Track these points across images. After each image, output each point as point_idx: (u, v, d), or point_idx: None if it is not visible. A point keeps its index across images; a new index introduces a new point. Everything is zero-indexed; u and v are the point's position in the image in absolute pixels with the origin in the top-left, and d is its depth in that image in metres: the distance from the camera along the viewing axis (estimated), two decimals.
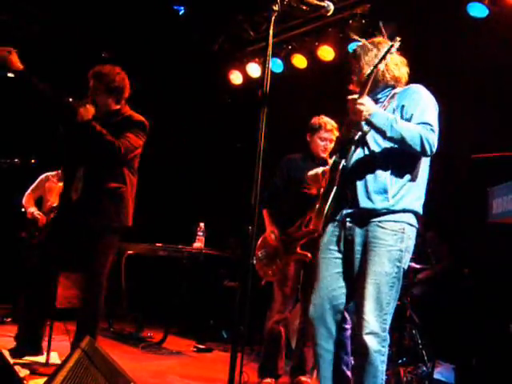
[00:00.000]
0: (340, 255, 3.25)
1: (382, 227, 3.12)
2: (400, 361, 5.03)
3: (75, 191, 4.34)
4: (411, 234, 3.20)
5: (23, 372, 3.73)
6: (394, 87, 3.37)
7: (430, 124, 3.10)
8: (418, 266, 5.29)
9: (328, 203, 3.21)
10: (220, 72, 8.20)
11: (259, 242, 4.76)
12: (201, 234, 6.33)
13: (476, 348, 5.07)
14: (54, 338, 4.56)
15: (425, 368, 4.93)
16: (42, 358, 4.24)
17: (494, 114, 5.48)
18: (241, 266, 2.72)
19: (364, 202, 3.15)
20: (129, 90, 4.56)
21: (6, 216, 7.34)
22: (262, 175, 2.82)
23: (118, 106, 4.52)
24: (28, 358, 4.27)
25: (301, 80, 7.40)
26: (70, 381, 2.35)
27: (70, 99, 4.26)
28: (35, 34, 7.56)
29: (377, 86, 3.34)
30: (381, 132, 3.09)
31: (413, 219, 3.21)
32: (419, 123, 3.11)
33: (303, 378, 4.58)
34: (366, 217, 3.16)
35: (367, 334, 3.05)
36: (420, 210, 3.25)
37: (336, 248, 3.26)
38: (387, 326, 3.11)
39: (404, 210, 3.15)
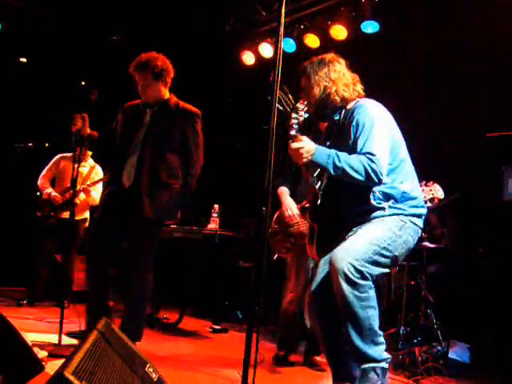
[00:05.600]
0: None
1: (385, 216, 3.15)
2: (415, 340, 5.04)
3: (127, 178, 4.38)
4: (412, 231, 3.18)
5: (41, 353, 3.77)
6: (343, 107, 3.32)
7: (373, 154, 3.03)
8: (432, 246, 5.27)
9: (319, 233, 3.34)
10: (232, 53, 8.16)
11: (275, 217, 4.75)
12: (215, 215, 6.35)
13: (491, 327, 5.07)
14: (72, 320, 4.62)
15: (440, 347, 4.93)
16: (54, 339, 4.29)
17: (509, 92, 5.41)
18: (255, 247, 2.72)
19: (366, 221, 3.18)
20: (173, 70, 4.56)
21: (21, 200, 7.40)
22: (274, 156, 2.81)
23: (167, 94, 4.56)
24: (41, 339, 4.34)
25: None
26: (87, 362, 2.38)
27: None
28: (47, 21, 7.57)
29: (326, 108, 3.32)
30: (324, 169, 3.09)
31: (415, 219, 3.20)
32: (364, 153, 3.05)
33: (318, 358, 4.61)
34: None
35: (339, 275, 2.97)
36: (419, 211, 3.22)
37: None
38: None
39: (404, 214, 3.16)
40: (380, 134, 3.11)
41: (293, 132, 3.06)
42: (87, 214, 6.70)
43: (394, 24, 6.43)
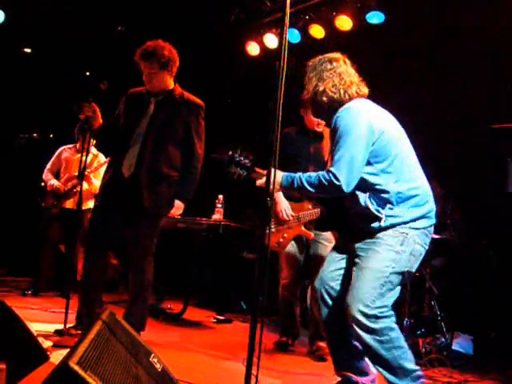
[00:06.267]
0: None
1: (385, 229, 3.07)
2: (419, 332, 5.05)
3: (127, 168, 4.36)
4: (417, 238, 3.07)
5: (46, 343, 3.79)
6: (337, 110, 3.19)
7: (332, 165, 3.02)
8: (436, 236, 5.26)
9: None
10: (237, 43, 8.13)
11: None
12: (220, 206, 6.35)
13: (494, 319, 5.07)
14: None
15: (443, 339, 4.94)
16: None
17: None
18: (259, 238, 2.72)
19: (365, 231, 3.14)
20: (178, 59, 4.52)
21: (25, 190, 7.41)
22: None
23: (172, 84, 4.54)
24: (46, 329, 4.36)
25: (318, 50, 7.27)
26: (92, 352, 2.38)
27: None
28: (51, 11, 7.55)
29: (318, 108, 3.29)
30: (292, 191, 3.21)
31: (418, 223, 3.08)
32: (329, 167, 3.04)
33: (322, 344, 4.63)
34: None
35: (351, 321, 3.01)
36: (421, 212, 3.09)
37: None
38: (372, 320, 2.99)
39: (403, 223, 3.06)
40: (352, 140, 3.00)
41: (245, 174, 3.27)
42: (91, 204, 6.70)
43: (399, 14, 6.40)
